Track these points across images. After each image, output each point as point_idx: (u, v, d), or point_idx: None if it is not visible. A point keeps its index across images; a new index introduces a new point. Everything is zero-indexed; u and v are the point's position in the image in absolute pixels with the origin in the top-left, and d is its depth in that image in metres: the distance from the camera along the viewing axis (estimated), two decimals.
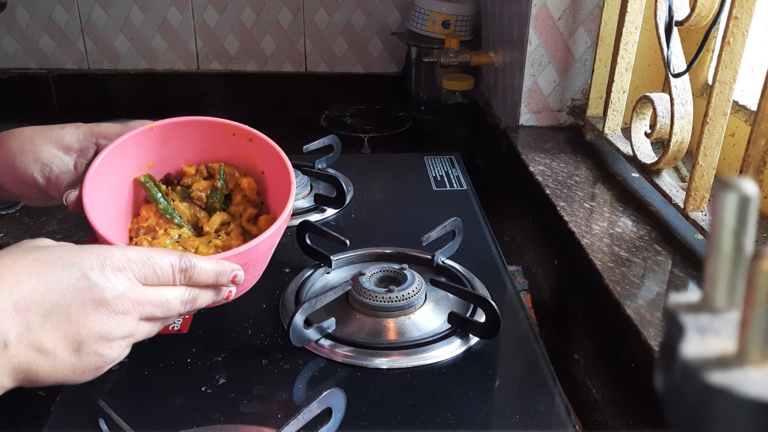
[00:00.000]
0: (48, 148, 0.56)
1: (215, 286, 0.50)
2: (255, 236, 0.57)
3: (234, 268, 0.50)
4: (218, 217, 0.60)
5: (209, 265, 0.48)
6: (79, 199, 0.52)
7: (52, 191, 0.56)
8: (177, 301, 0.47)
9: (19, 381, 0.41)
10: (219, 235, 0.59)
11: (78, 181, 0.54)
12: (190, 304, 0.48)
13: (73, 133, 0.57)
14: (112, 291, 0.43)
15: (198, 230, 0.60)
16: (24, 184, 0.56)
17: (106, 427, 0.46)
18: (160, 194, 0.58)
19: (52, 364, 0.41)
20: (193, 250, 0.56)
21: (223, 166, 0.61)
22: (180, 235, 0.58)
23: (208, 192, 0.60)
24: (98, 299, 0.42)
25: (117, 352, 0.44)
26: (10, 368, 0.40)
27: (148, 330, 0.47)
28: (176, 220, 0.58)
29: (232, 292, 0.52)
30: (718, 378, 0.18)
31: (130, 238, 0.58)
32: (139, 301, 0.44)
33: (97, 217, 0.51)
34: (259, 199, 0.62)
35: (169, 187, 0.60)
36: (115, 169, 0.56)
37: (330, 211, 0.83)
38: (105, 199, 0.54)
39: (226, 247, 0.57)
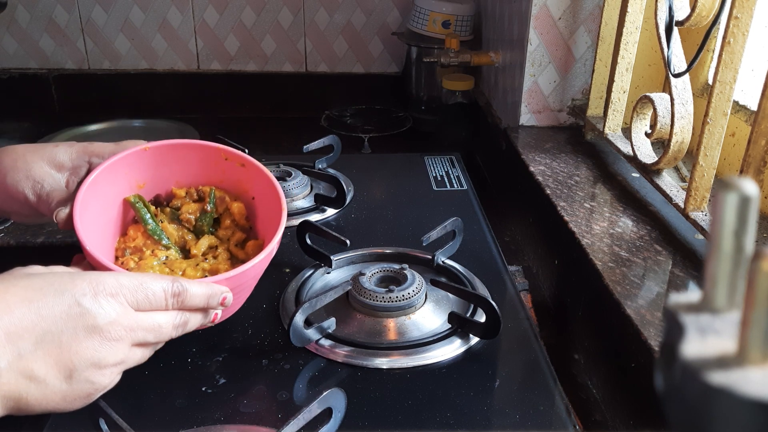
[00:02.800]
0: (40, 166, 0.57)
1: (205, 309, 0.50)
2: (242, 261, 0.57)
3: (223, 291, 0.50)
4: (206, 240, 0.60)
5: (200, 289, 0.48)
6: (70, 217, 0.52)
7: (43, 208, 0.56)
8: (169, 326, 0.47)
9: (8, 409, 0.41)
10: (206, 259, 0.59)
11: (69, 198, 0.54)
12: (181, 328, 0.48)
13: (66, 152, 0.58)
14: (104, 317, 0.42)
15: (185, 252, 0.60)
16: (15, 201, 0.56)
17: (106, 427, 0.46)
18: (149, 215, 0.58)
19: (43, 392, 0.41)
20: (180, 273, 0.56)
21: (213, 190, 0.61)
22: (167, 256, 0.58)
23: (197, 215, 0.60)
24: (91, 326, 0.42)
25: (108, 379, 0.44)
26: (1, 396, 0.39)
27: (139, 356, 0.46)
28: (164, 242, 0.58)
29: (218, 315, 0.52)
30: (718, 378, 0.18)
31: (116, 257, 0.58)
32: (131, 327, 0.44)
33: (86, 234, 0.51)
34: (248, 224, 0.62)
35: (158, 209, 0.60)
36: (106, 187, 0.56)
37: (330, 211, 0.83)
38: (94, 217, 0.55)
39: (213, 271, 0.57)
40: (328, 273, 0.69)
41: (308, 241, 0.69)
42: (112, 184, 0.57)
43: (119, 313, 0.43)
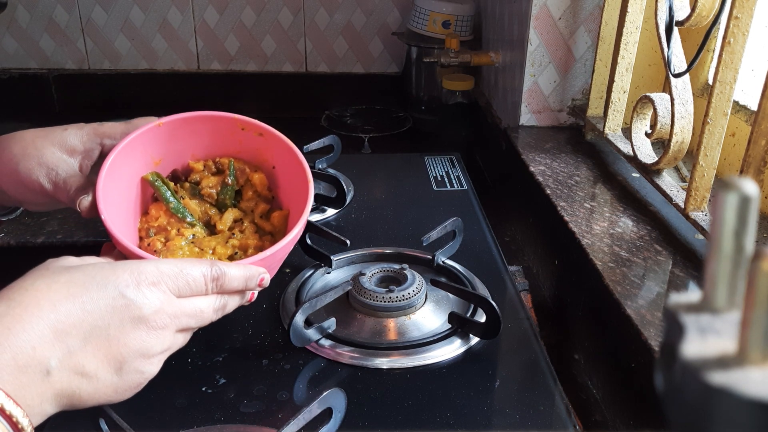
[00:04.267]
0: (52, 152, 0.55)
1: (243, 291, 0.50)
2: (269, 233, 0.57)
3: (261, 272, 0.50)
4: (230, 214, 0.59)
5: (239, 272, 0.48)
6: (93, 205, 0.51)
7: (61, 196, 0.54)
8: (210, 310, 0.47)
9: (62, 406, 0.41)
10: (234, 234, 0.58)
11: (87, 184, 0.53)
12: (221, 311, 0.48)
13: (76, 135, 0.56)
14: (149, 307, 0.42)
15: (210, 228, 0.59)
16: (29, 190, 0.54)
17: (106, 427, 0.46)
18: (169, 192, 0.57)
19: (95, 386, 0.41)
20: (211, 251, 0.56)
21: (232, 162, 0.59)
22: (194, 235, 0.57)
23: (219, 188, 0.59)
24: (137, 317, 0.42)
25: (157, 367, 0.44)
26: (54, 395, 0.39)
27: (182, 341, 0.47)
28: (188, 219, 0.57)
29: (254, 295, 0.52)
30: (719, 378, 0.18)
31: (141, 238, 0.57)
32: (175, 314, 0.44)
33: (113, 222, 0.50)
34: (271, 194, 0.61)
35: (178, 185, 0.59)
36: (124, 169, 0.55)
37: (330, 211, 0.83)
38: (116, 201, 0.53)
39: (243, 246, 0.56)
40: (328, 273, 0.69)
41: (308, 241, 0.69)
42: (129, 165, 0.55)
43: (163, 302, 0.43)
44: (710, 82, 0.85)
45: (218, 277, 0.47)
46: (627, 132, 0.83)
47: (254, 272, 0.50)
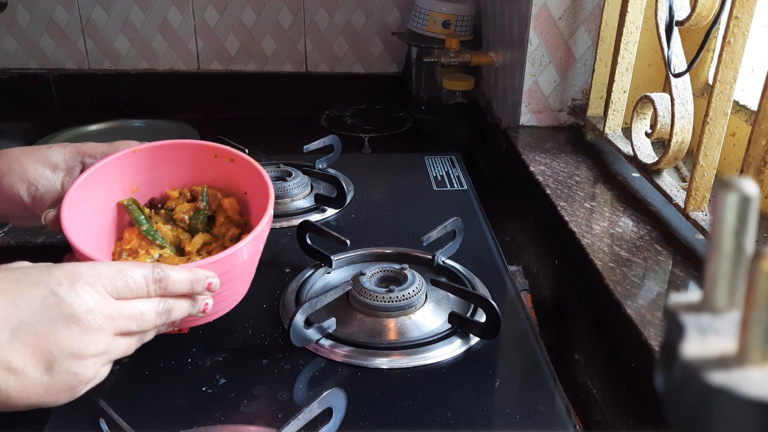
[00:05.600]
0: (35, 168, 0.57)
1: (191, 296, 0.49)
2: None
3: (208, 275, 0.49)
4: (200, 238, 0.59)
5: (183, 274, 0.47)
6: (58, 217, 0.52)
7: (37, 210, 0.56)
8: (152, 313, 0.46)
9: None
10: (201, 254, 0.58)
11: (61, 200, 0.54)
12: (165, 316, 0.47)
13: (59, 153, 0.58)
14: (81, 306, 0.42)
15: (180, 251, 0.59)
16: (10, 203, 0.57)
17: (106, 427, 0.46)
18: (143, 216, 0.58)
19: (24, 383, 0.40)
20: None
21: (205, 188, 0.61)
22: (161, 254, 0.58)
23: (191, 213, 0.60)
24: (68, 315, 0.41)
25: (92, 370, 0.43)
26: None
27: (124, 346, 0.46)
28: (158, 241, 0.58)
29: (209, 305, 0.51)
30: (719, 378, 0.18)
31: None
32: (111, 316, 0.43)
33: (76, 235, 0.50)
34: (243, 219, 0.62)
35: (153, 211, 0.60)
36: (99, 190, 0.56)
37: (330, 211, 0.83)
38: (88, 220, 0.54)
39: None
40: (329, 273, 0.69)
41: (308, 241, 0.69)
42: (104, 187, 0.57)
43: (97, 302, 0.43)
44: (710, 82, 0.85)
45: (161, 279, 0.46)
46: (627, 132, 0.83)
47: (200, 275, 0.49)
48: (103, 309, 0.43)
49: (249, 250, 0.52)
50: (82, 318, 0.42)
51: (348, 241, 0.67)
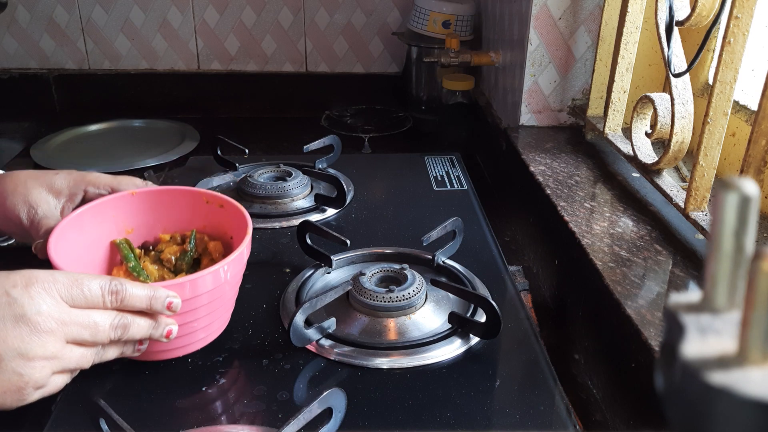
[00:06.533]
0: (38, 192, 0.60)
1: (150, 315, 0.49)
2: None
3: (168, 294, 0.49)
4: (183, 277, 0.60)
5: (141, 290, 0.48)
6: (44, 246, 0.52)
7: (33, 232, 0.59)
8: (106, 325, 0.46)
9: None
10: None
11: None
12: (120, 330, 0.47)
13: (64, 179, 0.62)
14: (33, 308, 0.42)
15: None
16: (11, 223, 0.60)
17: (106, 427, 0.46)
18: (132, 255, 0.59)
19: None
20: None
21: (194, 232, 0.62)
22: None
23: (178, 255, 0.61)
24: (18, 315, 0.42)
25: (39, 373, 0.43)
26: None
27: (77, 356, 0.46)
28: (142, 278, 0.59)
29: (173, 330, 0.51)
30: (719, 378, 0.18)
31: None
32: (63, 321, 0.43)
33: (63, 263, 0.51)
34: None
35: (143, 251, 0.62)
36: (92, 227, 0.58)
37: (330, 211, 0.83)
38: (77, 253, 0.56)
39: None
40: (329, 273, 0.69)
41: (308, 241, 0.69)
42: (98, 224, 0.59)
43: (50, 306, 0.43)
44: (710, 82, 0.85)
45: (117, 291, 0.46)
46: (627, 132, 0.83)
47: (160, 293, 0.48)
48: (54, 313, 0.43)
49: (214, 278, 0.52)
50: (32, 319, 0.42)
51: (348, 241, 0.67)
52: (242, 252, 0.55)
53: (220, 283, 0.53)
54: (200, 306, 0.53)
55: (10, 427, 0.54)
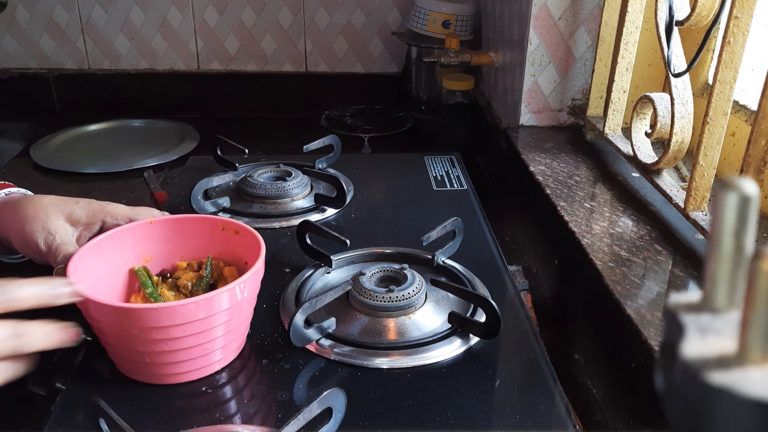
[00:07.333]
0: (57, 218, 0.61)
1: (48, 326, 0.47)
2: None
3: (66, 282, 0.48)
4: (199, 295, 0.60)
5: (29, 287, 0.46)
6: (63, 271, 0.53)
7: (50, 258, 0.60)
8: None
9: None
10: None
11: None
12: (14, 340, 0.45)
13: (83, 208, 0.63)
14: None
15: None
16: (29, 248, 0.61)
17: (106, 427, 0.46)
18: (150, 281, 0.60)
19: None
20: None
21: (210, 258, 0.63)
22: None
23: (194, 281, 0.62)
24: None
25: None
26: None
27: None
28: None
29: (80, 333, 0.49)
30: (719, 378, 0.18)
31: None
32: None
33: (81, 288, 0.51)
34: None
35: (161, 278, 0.63)
36: (112, 254, 0.59)
37: (330, 211, 0.83)
38: (96, 278, 0.56)
39: None
40: (328, 273, 0.69)
41: (308, 241, 0.69)
42: (117, 251, 0.60)
43: None
44: (710, 82, 0.85)
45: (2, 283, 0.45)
46: (627, 132, 0.83)
47: (53, 283, 0.48)
48: None
49: (230, 296, 0.52)
50: None
51: (348, 241, 0.67)
52: (258, 270, 0.55)
53: (237, 302, 0.53)
54: (216, 325, 0.52)
55: (10, 427, 0.54)
